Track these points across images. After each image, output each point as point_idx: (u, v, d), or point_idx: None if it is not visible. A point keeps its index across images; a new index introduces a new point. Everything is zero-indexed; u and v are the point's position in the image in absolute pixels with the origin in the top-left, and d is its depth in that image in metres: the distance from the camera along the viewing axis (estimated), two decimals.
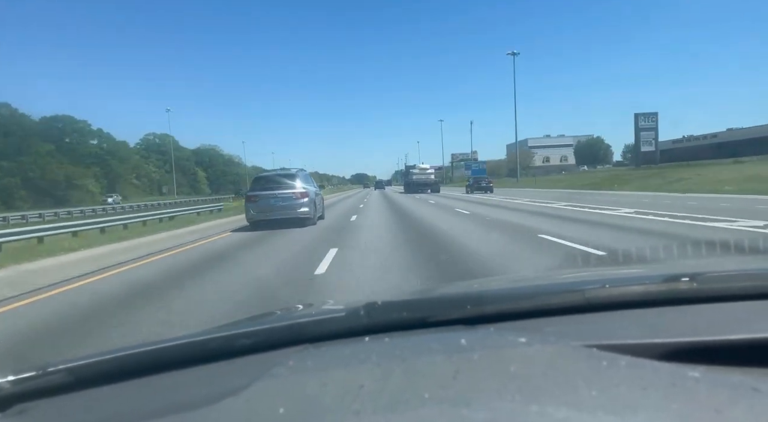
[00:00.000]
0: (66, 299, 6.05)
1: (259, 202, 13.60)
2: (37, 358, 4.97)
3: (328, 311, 1.18)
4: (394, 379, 0.69)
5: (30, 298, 6.06)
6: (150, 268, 8.16)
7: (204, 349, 0.97)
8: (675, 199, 20.89)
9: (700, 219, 11.40)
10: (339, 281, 6.13)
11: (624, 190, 31.99)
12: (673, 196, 23.69)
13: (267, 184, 14.17)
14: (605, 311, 1.05)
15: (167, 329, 4.35)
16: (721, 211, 13.61)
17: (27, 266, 9.12)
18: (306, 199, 13.66)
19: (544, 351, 0.77)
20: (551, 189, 39.83)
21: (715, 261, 4.00)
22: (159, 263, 8.73)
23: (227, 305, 5.21)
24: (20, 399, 0.86)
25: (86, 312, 5.42)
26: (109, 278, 7.36)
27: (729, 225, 10.21)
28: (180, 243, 11.57)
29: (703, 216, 11.98)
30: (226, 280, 6.66)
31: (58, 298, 6.05)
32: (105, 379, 0.90)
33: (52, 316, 5.26)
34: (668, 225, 10.82)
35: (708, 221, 11.06)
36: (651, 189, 31.17)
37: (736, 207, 14.84)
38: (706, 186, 28.36)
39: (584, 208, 17.12)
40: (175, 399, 0.81)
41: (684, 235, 8.83)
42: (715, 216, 11.88)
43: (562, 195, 27.74)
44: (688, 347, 0.82)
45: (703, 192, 25.14)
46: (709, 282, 1.13)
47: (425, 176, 51.10)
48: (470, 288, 1.52)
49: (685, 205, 16.76)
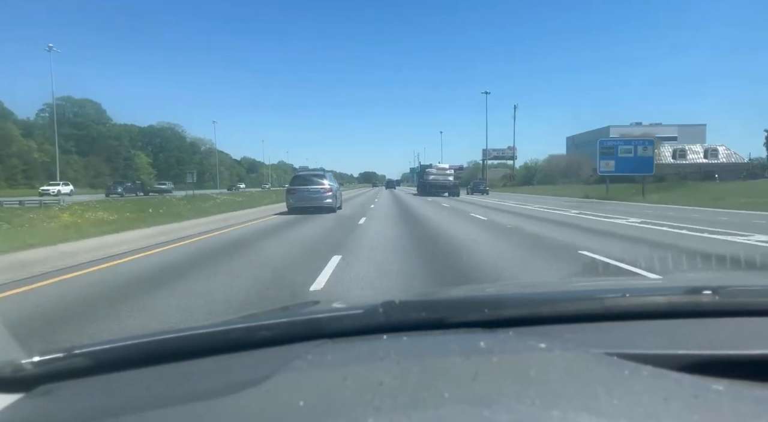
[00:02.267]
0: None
1: (296, 193, 18.70)
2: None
3: (347, 307, 1.19)
4: (413, 377, 0.69)
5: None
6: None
7: (224, 339, 0.99)
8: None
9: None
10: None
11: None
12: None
13: (302, 180, 19.51)
14: (625, 320, 1.04)
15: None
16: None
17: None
18: (330, 193, 18.64)
19: (564, 357, 0.77)
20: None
21: (739, 274, 3.93)
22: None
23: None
24: (44, 380, 0.88)
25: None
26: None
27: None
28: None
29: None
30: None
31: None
32: (127, 364, 0.92)
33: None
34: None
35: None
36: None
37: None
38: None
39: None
40: (195, 388, 0.82)
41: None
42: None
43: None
44: (710, 360, 0.81)
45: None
46: (732, 296, 1.11)
47: (443, 177, 45.40)
48: (489, 292, 1.52)
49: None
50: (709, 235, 10.35)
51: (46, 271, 6.41)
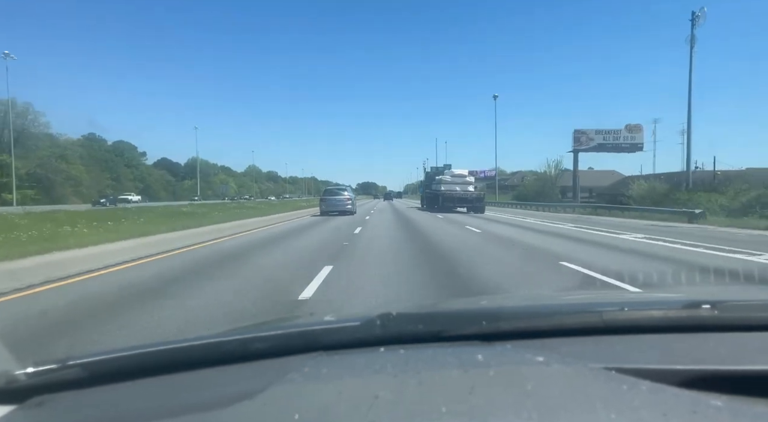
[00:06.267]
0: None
1: (327, 202, 27.09)
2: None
3: (344, 319, 1.19)
4: (409, 391, 0.68)
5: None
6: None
7: (219, 351, 0.98)
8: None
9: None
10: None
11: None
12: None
13: (330, 193, 28.42)
14: (623, 334, 1.04)
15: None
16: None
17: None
18: (350, 201, 27.01)
19: (562, 371, 0.76)
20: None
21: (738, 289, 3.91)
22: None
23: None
24: (38, 391, 0.87)
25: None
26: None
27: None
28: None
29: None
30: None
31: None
32: (121, 376, 0.91)
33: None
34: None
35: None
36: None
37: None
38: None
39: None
40: (190, 400, 0.81)
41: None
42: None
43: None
44: (709, 375, 0.80)
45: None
46: (730, 311, 1.11)
47: (461, 187, 32.17)
48: (486, 305, 1.51)
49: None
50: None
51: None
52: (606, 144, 44.87)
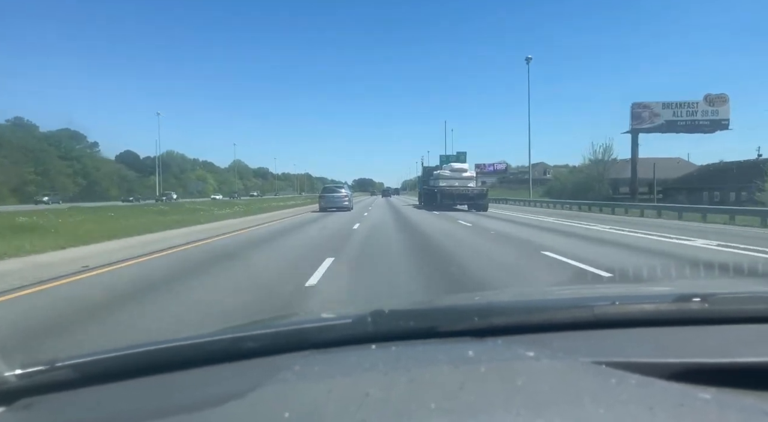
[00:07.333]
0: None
1: (325, 199, 28.12)
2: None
3: (336, 317, 1.19)
4: (399, 388, 0.68)
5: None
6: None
7: (210, 351, 0.98)
8: None
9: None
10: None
11: None
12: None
13: (329, 190, 30.16)
14: (614, 328, 1.04)
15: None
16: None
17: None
18: (347, 198, 28.29)
19: (552, 366, 0.76)
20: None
21: (728, 282, 3.94)
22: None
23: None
24: (26, 393, 0.87)
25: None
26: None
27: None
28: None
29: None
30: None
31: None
32: (110, 377, 0.91)
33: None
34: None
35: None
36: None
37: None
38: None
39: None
40: (180, 400, 0.81)
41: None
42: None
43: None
44: (698, 368, 0.81)
45: None
46: (720, 304, 1.11)
47: (461, 182, 30.31)
48: (478, 300, 1.51)
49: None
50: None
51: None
52: (677, 121, 32.14)
